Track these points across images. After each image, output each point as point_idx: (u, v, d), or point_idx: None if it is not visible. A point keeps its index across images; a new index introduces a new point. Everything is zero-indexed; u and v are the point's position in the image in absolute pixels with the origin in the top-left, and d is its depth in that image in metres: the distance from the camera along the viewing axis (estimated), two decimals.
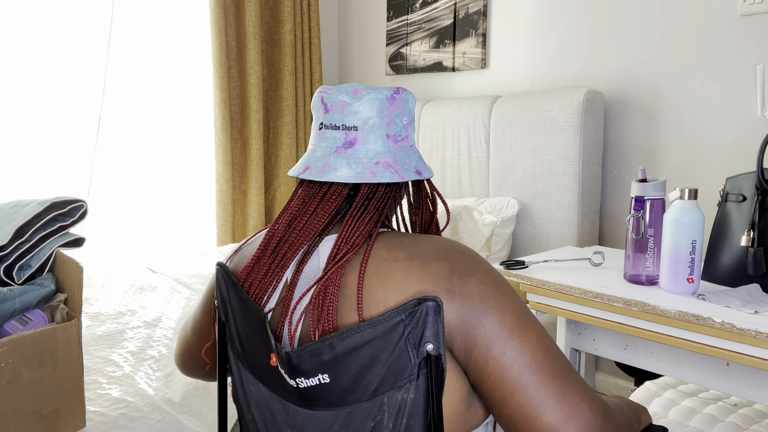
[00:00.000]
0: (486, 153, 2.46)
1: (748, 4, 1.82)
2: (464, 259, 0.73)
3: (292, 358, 0.71)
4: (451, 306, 0.70)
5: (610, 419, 0.70)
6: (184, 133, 2.90)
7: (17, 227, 1.21)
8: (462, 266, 0.72)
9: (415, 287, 0.71)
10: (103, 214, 2.66)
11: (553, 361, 0.70)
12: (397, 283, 0.72)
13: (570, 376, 0.70)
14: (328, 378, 0.70)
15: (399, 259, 0.73)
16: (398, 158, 0.81)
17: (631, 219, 1.24)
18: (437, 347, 0.68)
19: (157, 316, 1.91)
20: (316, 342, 0.69)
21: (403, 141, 0.83)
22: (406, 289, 0.71)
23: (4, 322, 1.15)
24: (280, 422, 0.79)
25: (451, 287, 0.71)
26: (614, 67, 2.20)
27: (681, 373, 1.18)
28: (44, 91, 2.46)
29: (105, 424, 1.29)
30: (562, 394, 0.68)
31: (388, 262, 0.73)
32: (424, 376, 0.69)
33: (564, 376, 0.69)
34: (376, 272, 0.73)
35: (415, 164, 0.83)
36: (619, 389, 2.28)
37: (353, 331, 0.68)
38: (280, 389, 0.77)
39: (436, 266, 0.72)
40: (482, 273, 0.73)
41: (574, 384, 0.69)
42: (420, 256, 0.74)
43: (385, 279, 0.72)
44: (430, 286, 0.71)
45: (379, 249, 0.75)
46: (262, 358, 0.79)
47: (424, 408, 0.70)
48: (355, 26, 3.33)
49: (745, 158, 1.89)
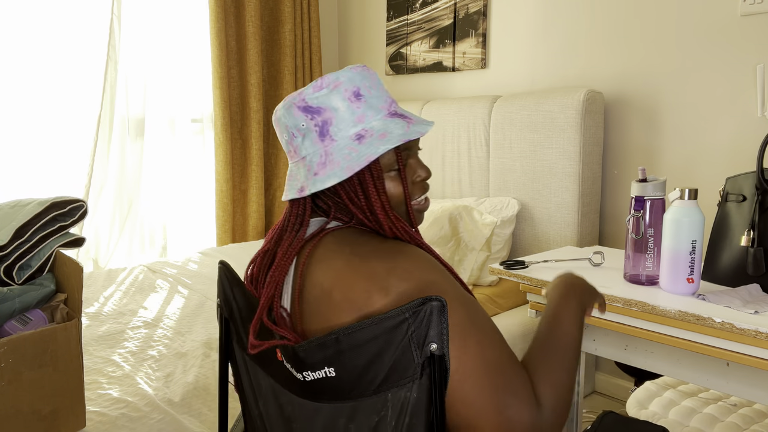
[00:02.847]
0: (486, 153, 2.46)
1: (748, 4, 1.82)
2: (408, 264, 0.75)
3: (298, 351, 0.72)
4: (385, 301, 0.72)
5: (549, 415, 0.73)
6: (184, 133, 2.90)
7: (17, 227, 1.21)
8: (404, 269, 0.74)
9: (350, 278, 0.74)
10: (103, 214, 2.66)
11: (492, 369, 0.71)
12: (333, 270, 0.76)
13: (509, 380, 0.72)
14: (334, 371, 0.71)
15: (343, 252, 0.78)
16: (292, 173, 0.86)
17: (631, 219, 1.24)
18: (441, 347, 0.68)
19: (157, 316, 1.91)
20: (323, 336, 0.70)
21: (293, 156, 0.85)
22: (341, 277, 0.75)
23: (4, 322, 1.15)
24: (288, 415, 0.80)
25: (387, 286, 0.72)
26: (614, 67, 2.20)
27: (681, 373, 1.18)
28: (44, 91, 2.46)
29: (105, 424, 1.29)
30: (503, 404, 0.70)
31: (333, 252, 0.78)
32: (428, 375, 0.69)
33: (504, 384, 0.71)
34: (319, 258, 0.79)
35: (301, 182, 0.82)
36: (619, 389, 2.28)
37: (358, 327, 0.69)
38: (287, 383, 0.78)
39: (375, 264, 0.75)
40: (426, 282, 0.73)
41: (512, 387, 0.71)
42: (363, 253, 0.77)
43: (326, 265, 0.77)
44: (363, 280, 0.73)
45: (329, 241, 0.80)
46: (269, 352, 0.80)
47: (426, 407, 0.70)
48: (355, 26, 3.33)
49: (745, 158, 1.89)
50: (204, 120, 2.96)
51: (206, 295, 2.12)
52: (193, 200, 2.97)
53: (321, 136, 0.82)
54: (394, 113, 0.84)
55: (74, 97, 2.54)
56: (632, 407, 1.47)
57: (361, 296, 0.73)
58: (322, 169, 0.81)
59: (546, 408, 0.72)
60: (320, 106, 0.81)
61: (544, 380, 0.75)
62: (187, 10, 2.83)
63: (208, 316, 1.91)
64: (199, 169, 2.97)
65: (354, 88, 0.81)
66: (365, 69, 0.84)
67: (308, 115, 0.82)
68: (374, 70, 0.85)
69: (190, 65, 2.88)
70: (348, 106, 0.81)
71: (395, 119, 0.82)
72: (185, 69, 2.86)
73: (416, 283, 0.72)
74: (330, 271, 0.77)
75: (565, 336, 0.82)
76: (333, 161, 0.80)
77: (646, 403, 1.46)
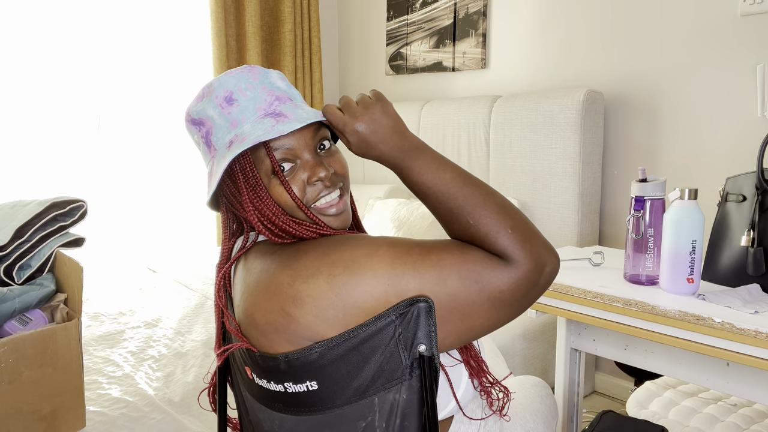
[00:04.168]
0: (486, 153, 2.46)
1: (748, 4, 1.82)
2: (309, 260, 0.70)
3: (280, 364, 0.70)
4: (302, 311, 0.67)
5: (520, 254, 0.68)
6: (184, 133, 2.90)
7: (17, 227, 1.21)
8: (306, 268, 0.69)
9: (261, 298, 0.71)
10: (103, 214, 2.66)
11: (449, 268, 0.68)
12: (249, 293, 0.73)
13: (468, 264, 0.68)
14: (316, 385, 0.70)
15: (255, 270, 0.75)
16: None
17: (631, 219, 1.24)
18: (430, 348, 0.68)
19: (157, 316, 1.91)
20: (305, 349, 0.68)
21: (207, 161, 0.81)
22: (256, 301, 0.72)
23: (4, 322, 1.15)
24: (268, 430, 0.78)
25: (296, 294, 0.68)
26: (614, 67, 2.20)
27: (681, 373, 1.18)
28: (44, 91, 2.45)
29: (105, 424, 1.29)
30: (480, 286, 0.67)
31: (250, 271, 0.76)
32: (417, 376, 0.69)
33: (469, 270, 0.68)
34: (241, 277, 0.77)
35: None
36: (619, 389, 2.28)
37: (342, 338, 0.67)
38: (262, 399, 0.76)
39: (278, 275, 0.70)
40: (329, 264, 0.68)
41: (474, 268, 0.68)
42: (269, 267, 0.73)
43: (245, 286, 0.75)
44: (273, 298, 0.70)
45: (251, 257, 0.78)
46: (241, 367, 0.79)
47: (418, 408, 0.70)
48: (355, 26, 3.32)
49: (745, 158, 1.89)
50: None
51: (206, 295, 2.11)
52: (193, 200, 2.97)
53: (208, 147, 0.79)
54: (271, 113, 0.76)
55: (74, 97, 2.53)
56: (632, 407, 1.47)
57: (278, 317, 0.69)
58: (209, 182, 0.79)
59: (511, 253, 0.67)
60: (201, 117, 0.78)
61: (487, 237, 0.69)
62: (187, 9, 2.83)
63: (208, 316, 1.91)
64: (199, 169, 2.97)
65: (225, 93, 0.76)
66: (245, 69, 0.78)
67: (196, 128, 0.80)
68: (263, 69, 0.80)
69: (190, 65, 2.87)
70: (220, 113, 0.76)
71: (266, 119, 0.75)
72: (185, 69, 2.86)
73: (325, 276, 0.67)
74: (247, 295, 0.74)
75: (454, 188, 0.72)
76: (214, 173, 0.77)
77: (646, 403, 1.46)
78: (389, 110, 0.75)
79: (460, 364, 0.81)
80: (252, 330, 0.73)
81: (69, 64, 2.50)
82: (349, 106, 0.75)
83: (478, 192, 0.71)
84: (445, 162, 0.74)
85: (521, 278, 0.67)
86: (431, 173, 0.72)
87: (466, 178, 0.72)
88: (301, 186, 0.76)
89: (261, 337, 0.71)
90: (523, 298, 0.68)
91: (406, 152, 0.74)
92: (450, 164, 0.73)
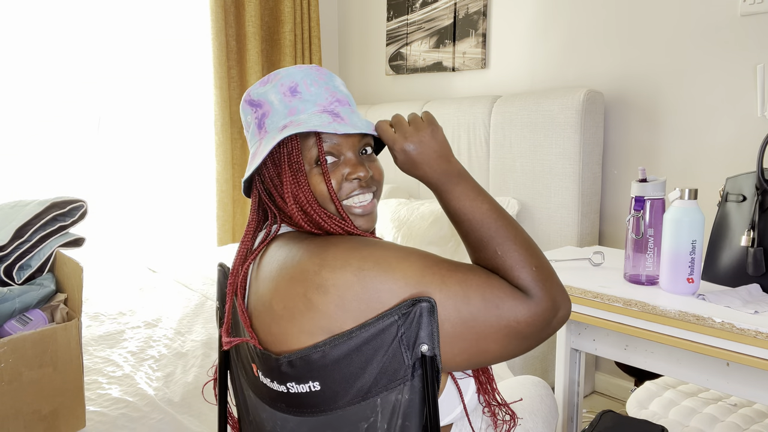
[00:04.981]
0: (486, 153, 2.46)
1: (748, 4, 1.82)
2: (338, 251, 0.71)
3: (282, 364, 0.70)
4: (325, 299, 0.69)
5: (539, 292, 0.71)
6: (184, 133, 2.90)
7: (17, 227, 1.21)
8: (335, 258, 0.70)
9: (284, 285, 0.72)
10: (104, 214, 2.66)
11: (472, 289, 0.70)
12: (270, 279, 0.74)
13: (489, 291, 0.70)
14: (318, 386, 0.70)
15: (279, 258, 0.76)
16: None
17: (631, 219, 1.24)
18: (432, 348, 0.68)
19: (157, 316, 1.91)
20: (308, 349, 0.68)
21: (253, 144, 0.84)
22: (277, 287, 0.73)
23: (4, 322, 1.15)
24: (270, 430, 0.78)
25: (322, 282, 0.69)
26: (614, 67, 2.20)
27: (681, 373, 1.18)
28: (44, 91, 2.45)
29: (105, 424, 1.29)
30: (497, 314, 0.69)
31: (272, 259, 0.77)
32: (419, 376, 0.69)
33: (488, 296, 0.70)
34: (262, 268, 0.78)
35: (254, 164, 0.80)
36: (619, 389, 2.28)
37: (345, 337, 0.67)
38: (266, 398, 0.77)
39: (305, 263, 0.72)
40: (359, 259, 0.70)
41: (495, 294, 0.70)
42: (295, 254, 0.74)
43: (267, 275, 0.76)
44: (297, 284, 0.71)
45: (274, 247, 0.79)
46: (247, 364, 0.79)
47: (419, 408, 0.70)
48: (355, 26, 3.32)
49: (745, 158, 1.89)
50: (204, 120, 2.96)
51: (206, 295, 2.11)
52: (193, 200, 2.97)
53: (259, 128, 0.82)
54: (330, 111, 0.80)
55: (74, 97, 2.53)
56: (632, 407, 1.47)
57: (299, 302, 0.70)
58: (251, 161, 0.81)
59: (532, 289, 0.70)
60: (260, 100, 0.81)
61: (512, 270, 0.71)
62: (187, 9, 2.83)
63: (208, 316, 1.91)
64: (199, 169, 2.97)
65: (291, 84, 0.80)
66: (312, 68, 0.82)
67: (252, 109, 0.83)
68: (329, 72, 0.85)
69: (190, 65, 2.88)
70: (281, 100, 0.80)
71: (323, 115, 0.78)
72: (185, 69, 2.86)
73: (354, 269, 0.69)
74: (268, 281, 0.75)
75: (489, 219, 0.75)
76: (259, 152, 0.80)
77: (646, 403, 1.46)
78: (438, 135, 0.79)
79: (470, 378, 0.83)
80: (265, 317, 0.74)
81: (69, 64, 2.50)
82: (401, 125, 0.79)
83: (510, 227, 0.75)
84: (483, 193, 0.77)
85: (539, 313, 0.70)
86: (469, 201, 0.76)
87: (500, 212, 0.76)
88: (339, 180, 0.79)
89: (273, 324, 0.72)
90: (536, 334, 0.71)
91: (449, 177, 0.77)
92: (488, 196, 0.77)
